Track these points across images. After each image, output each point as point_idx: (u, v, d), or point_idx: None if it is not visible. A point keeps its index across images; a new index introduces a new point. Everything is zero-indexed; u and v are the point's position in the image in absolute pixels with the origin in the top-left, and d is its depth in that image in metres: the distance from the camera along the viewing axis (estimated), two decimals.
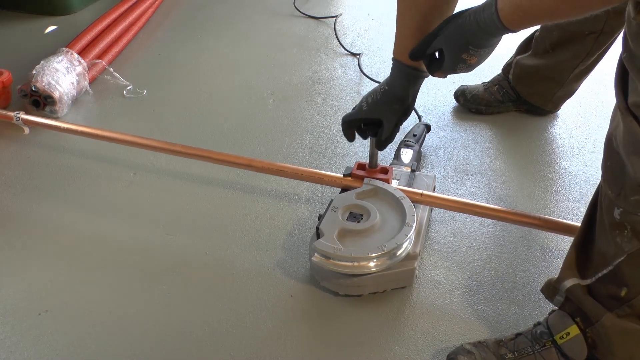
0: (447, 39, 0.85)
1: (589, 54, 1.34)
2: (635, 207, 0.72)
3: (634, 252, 0.75)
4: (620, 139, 0.73)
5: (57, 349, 0.96)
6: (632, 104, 0.69)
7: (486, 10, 0.77)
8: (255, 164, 1.22)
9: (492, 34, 0.79)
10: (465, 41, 0.82)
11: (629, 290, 0.78)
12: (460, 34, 0.83)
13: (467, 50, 0.83)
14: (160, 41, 1.99)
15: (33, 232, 1.20)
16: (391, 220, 1.04)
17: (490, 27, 0.77)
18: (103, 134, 1.32)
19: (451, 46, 0.85)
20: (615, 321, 0.81)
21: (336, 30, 2.01)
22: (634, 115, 0.69)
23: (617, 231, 0.76)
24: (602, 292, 0.82)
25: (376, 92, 1.02)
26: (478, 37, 0.81)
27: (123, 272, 1.10)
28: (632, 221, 0.73)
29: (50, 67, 1.54)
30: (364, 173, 1.14)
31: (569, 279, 0.86)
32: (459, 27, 0.83)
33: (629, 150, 0.71)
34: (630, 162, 0.71)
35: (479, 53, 0.83)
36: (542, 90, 1.49)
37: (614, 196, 0.75)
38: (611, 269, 0.79)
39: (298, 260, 1.13)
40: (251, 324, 1.00)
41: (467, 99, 1.56)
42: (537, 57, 1.43)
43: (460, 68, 0.87)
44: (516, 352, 0.88)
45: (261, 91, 1.70)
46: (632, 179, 0.71)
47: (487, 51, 0.84)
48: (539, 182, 1.34)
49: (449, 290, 1.07)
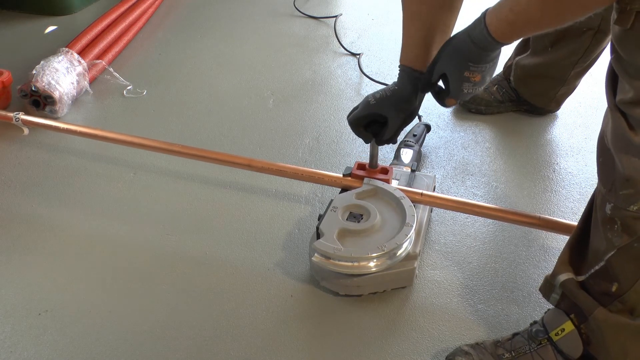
0: (447, 62, 0.88)
1: (587, 50, 1.34)
2: (625, 202, 0.74)
3: (624, 246, 0.76)
4: (610, 136, 0.75)
5: (57, 349, 0.96)
6: (619, 102, 0.72)
7: (477, 28, 0.81)
8: (255, 164, 1.22)
9: (487, 49, 0.82)
10: (464, 59, 0.85)
11: (619, 285, 0.79)
12: (458, 54, 0.86)
13: (468, 67, 0.86)
14: (160, 41, 1.99)
15: (33, 232, 1.20)
16: (391, 220, 1.04)
17: (484, 43, 0.81)
18: (103, 134, 1.32)
19: (452, 68, 0.88)
20: (607, 315, 0.82)
21: (336, 30, 2.01)
22: (621, 112, 0.72)
23: (608, 226, 0.78)
24: (594, 289, 0.83)
25: (385, 91, 1.03)
26: (475, 53, 0.84)
27: (123, 272, 1.11)
28: (622, 216, 0.75)
29: (50, 67, 1.54)
30: (364, 173, 1.14)
31: (563, 274, 0.87)
32: (456, 48, 0.86)
33: (617, 147, 0.74)
34: (619, 158, 0.73)
35: (481, 69, 0.86)
36: (544, 90, 1.49)
37: (606, 192, 0.77)
38: (603, 264, 0.80)
39: (298, 260, 1.13)
40: (251, 324, 1.00)
41: (467, 100, 1.56)
42: (536, 56, 1.43)
43: (467, 88, 0.89)
44: (513, 352, 0.89)
45: (261, 91, 1.70)
46: (621, 174, 0.73)
47: (488, 67, 0.87)
48: (539, 182, 1.34)
49: (449, 290, 1.07)
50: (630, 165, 0.72)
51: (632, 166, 0.72)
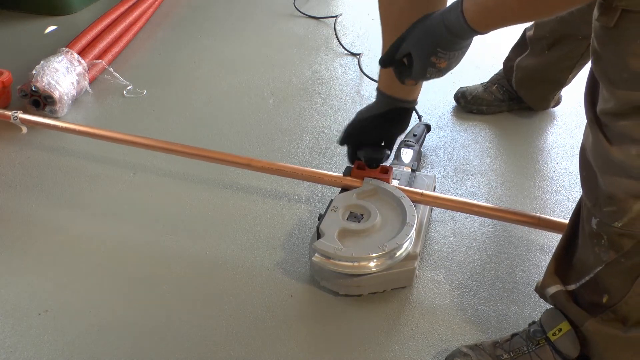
0: (415, 43, 0.82)
1: (583, 56, 1.35)
2: (609, 218, 0.72)
3: (611, 262, 0.76)
4: (590, 152, 0.73)
5: (57, 349, 0.96)
6: (600, 112, 0.68)
7: (452, 12, 0.75)
8: (255, 164, 1.22)
9: (460, 35, 0.77)
10: (433, 44, 0.79)
11: (609, 297, 0.79)
12: (428, 37, 0.80)
13: (435, 53, 0.80)
14: (160, 41, 1.99)
15: (33, 232, 1.20)
16: (391, 220, 1.04)
17: (457, 29, 0.75)
18: (102, 133, 1.32)
19: (419, 50, 0.82)
20: (598, 327, 0.81)
21: (336, 30, 2.01)
22: (599, 126, 0.69)
23: (595, 240, 0.77)
24: (585, 299, 0.83)
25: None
26: (446, 39, 0.78)
27: (123, 272, 1.10)
28: (607, 232, 0.74)
29: (50, 67, 1.54)
30: (364, 173, 1.14)
31: (551, 286, 0.87)
32: (427, 29, 0.80)
33: (598, 164, 0.72)
34: (601, 176, 0.71)
35: (448, 56, 0.80)
36: (543, 94, 1.49)
37: (591, 206, 0.76)
38: (592, 276, 0.80)
39: (298, 260, 1.13)
40: (251, 324, 1.00)
41: (468, 101, 1.56)
42: (535, 56, 1.43)
43: (430, 73, 0.84)
44: (512, 353, 0.89)
45: (261, 91, 1.70)
46: (604, 191, 0.72)
47: (456, 54, 0.81)
48: (539, 182, 1.34)
49: (449, 290, 1.07)
50: (612, 183, 0.70)
51: (614, 184, 0.70)
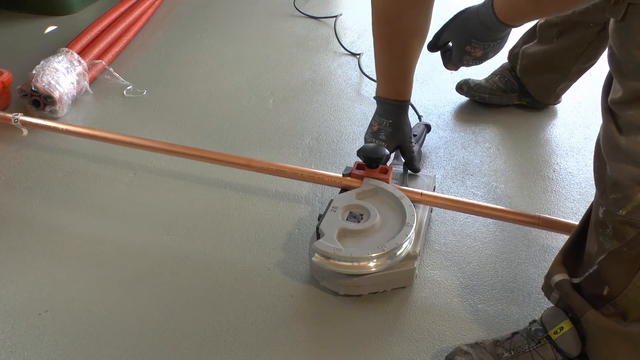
0: (452, 32, 0.95)
1: (591, 46, 1.35)
2: (614, 206, 0.74)
3: (613, 250, 0.77)
4: (602, 140, 0.76)
5: (57, 349, 0.96)
6: (610, 102, 0.72)
7: (485, 6, 0.85)
8: (254, 164, 1.22)
9: (491, 28, 0.86)
10: (468, 35, 0.91)
11: (610, 289, 0.79)
12: (463, 28, 0.92)
13: (470, 43, 0.92)
14: (160, 41, 1.99)
15: (33, 232, 1.20)
16: (391, 220, 1.04)
17: (488, 21, 0.85)
18: (102, 134, 1.32)
19: (456, 39, 0.95)
20: (599, 318, 0.82)
21: (336, 30, 2.01)
22: (611, 114, 0.72)
23: (600, 229, 0.78)
24: (588, 291, 0.84)
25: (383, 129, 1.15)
26: (479, 31, 0.88)
27: (123, 272, 1.11)
28: (612, 220, 0.75)
29: (50, 67, 1.54)
30: (364, 173, 1.14)
31: (557, 274, 0.88)
32: (463, 21, 0.92)
33: (606, 150, 0.74)
34: (608, 162, 0.74)
35: (483, 46, 0.91)
36: (546, 82, 1.49)
37: (599, 195, 0.78)
38: (596, 267, 0.81)
39: (298, 260, 1.13)
40: (251, 324, 1.00)
41: (471, 87, 1.56)
42: (542, 44, 1.43)
43: (467, 60, 0.96)
44: (512, 351, 0.89)
45: (261, 91, 1.70)
46: (610, 177, 0.74)
47: (492, 45, 0.92)
48: (539, 182, 1.34)
49: (449, 290, 1.07)
50: (619, 170, 0.71)
51: (620, 171, 0.71)
